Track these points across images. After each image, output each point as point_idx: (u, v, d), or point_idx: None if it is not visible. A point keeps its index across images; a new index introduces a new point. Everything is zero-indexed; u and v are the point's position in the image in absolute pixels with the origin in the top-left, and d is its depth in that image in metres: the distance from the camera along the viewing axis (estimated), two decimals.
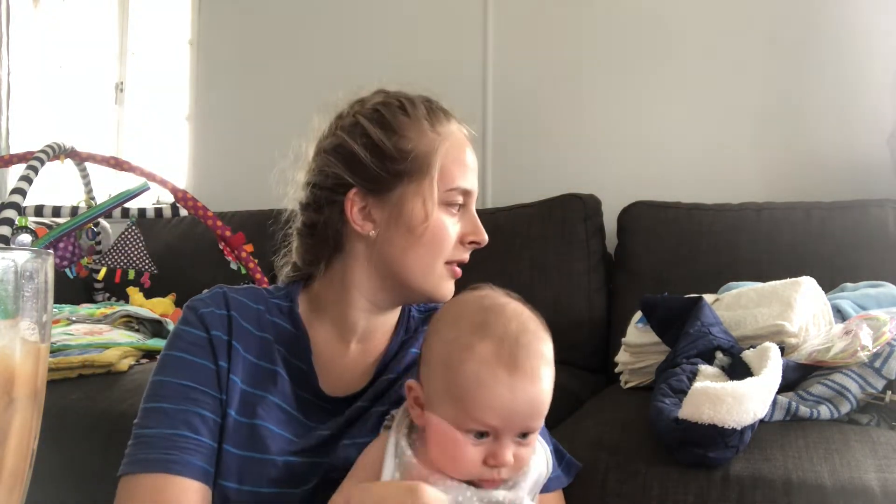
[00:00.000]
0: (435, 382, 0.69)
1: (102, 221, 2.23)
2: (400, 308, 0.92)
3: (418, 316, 0.94)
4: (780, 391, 0.99)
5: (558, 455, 0.91)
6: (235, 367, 0.82)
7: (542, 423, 0.69)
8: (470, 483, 0.68)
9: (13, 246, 1.80)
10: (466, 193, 0.87)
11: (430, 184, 0.83)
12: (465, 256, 0.88)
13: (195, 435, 0.77)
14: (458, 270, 0.88)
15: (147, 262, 1.99)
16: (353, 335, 0.88)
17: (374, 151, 0.83)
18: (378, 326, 0.89)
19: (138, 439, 0.77)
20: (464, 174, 0.86)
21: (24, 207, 1.79)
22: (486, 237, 0.88)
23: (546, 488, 0.85)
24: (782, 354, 1.05)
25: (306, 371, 0.85)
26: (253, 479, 0.78)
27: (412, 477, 0.67)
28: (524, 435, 0.68)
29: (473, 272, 0.84)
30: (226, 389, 0.80)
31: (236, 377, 0.81)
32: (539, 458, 0.74)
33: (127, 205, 1.94)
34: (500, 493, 0.68)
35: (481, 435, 0.66)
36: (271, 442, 0.80)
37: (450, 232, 0.85)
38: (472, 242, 0.88)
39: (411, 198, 0.83)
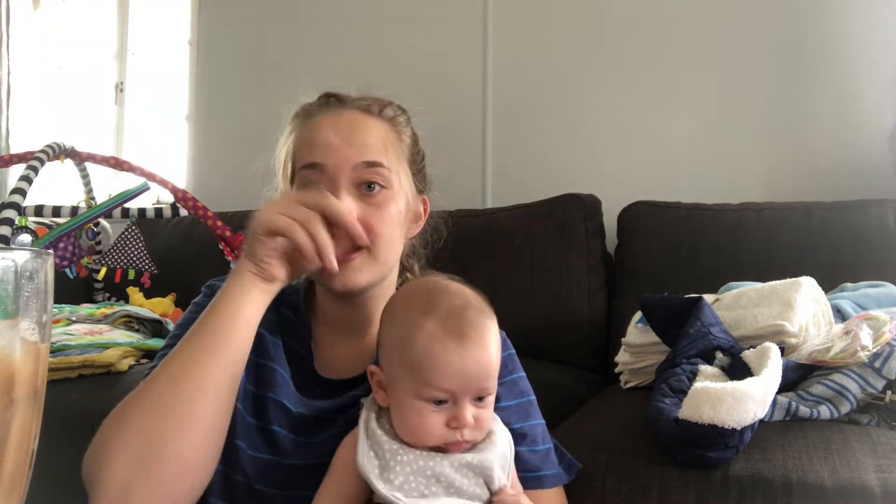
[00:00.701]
0: (393, 362, 0.74)
1: (102, 221, 2.23)
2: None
3: None
4: (780, 391, 0.99)
5: (559, 455, 0.92)
6: None
7: (494, 385, 0.74)
8: (438, 451, 0.72)
9: (13, 246, 1.80)
10: (316, 167, 0.83)
11: (284, 176, 0.90)
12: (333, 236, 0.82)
13: None
14: (348, 256, 0.82)
15: (147, 262, 1.99)
16: (349, 327, 0.91)
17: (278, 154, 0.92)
18: (370, 318, 0.90)
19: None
20: (310, 151, 0.85)
21: (24, 207, 1.79)
22: (334, 205, 0.78)
23: (546, 484, 0.86)
24: (782, 354, 1.05)
25: (303, 353, 0.89)
26: (256, 444, 0.82)
27: (384, 452, 0.71)
28: (480, 399, 0.73)
29: (473, 272, 0.84)
30: None
31: None
32: (501, 435, 0.77)
33: (127, 205, 1.94)
34: (468, 456, 0.72)
35: (440, 402, 0.71)
36: (273, 410, 0.84)
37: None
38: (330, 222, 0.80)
39: (280, 190, 0.91)
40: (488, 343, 0.73)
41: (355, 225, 0.80)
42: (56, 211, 1.90)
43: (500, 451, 0.75)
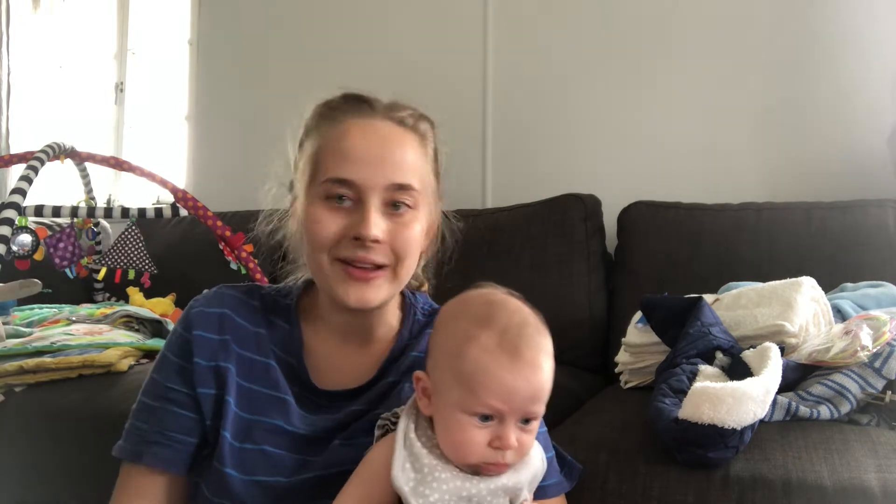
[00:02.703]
0: (442, 371, 0.72)
1: (102, 221, 2.23)
2: (400, 309, 0.93)
3: (422, 319, 0.93)
4: (780, 391, 0.99)
5: (560, 460, 0.91)
6: (228, 361, 0.84)
7: (542, 409, 0.72)
8: (476, 473, 0.71)
9: (13, 245, 1.80)
10: (345, 183, 0.80)
11: (302, 178, 0.85)
12: (357, 254, 0.80)
13: (166, 430, 0.83)
14: (357, 272, 0.80)
15: (147, 262, 1.99)
16: (349, 335, 0.89)
17: (297, 154, 0.88)
18: (373, 327, 0.89)
19: (130, 427, 0.86)
20: (339, 164, 0.80)
21: (24, 207, 1.78)
22: (369, 232, 0.78)
23: (548, 494, 0.86)
24: (782, 354, 1.05)
25: (296, 366, 0.87)
26: (249, 469, 0.81)
27: (422, 465, 0.70)
28: (526, 421, 0.71)
29: (473, 272, 0.84)
30: (217, 384, 0.84)
31: (232, 368, 0.84)
32: (536, 454, 0.77)
33: (127, 205, 1.94)
34: (504, 478, 0.71)
35: (486, 418, 0.70)
36: (266, 433, 0.83)
37: (325, 226, 0.80)
38: (356, 238, 0.79)
39: (300, 197, 0.85)
40: (542, 364, 0.71)
41: None
42: (56, 211, 1.90)
43: (532, 470, 0.75)
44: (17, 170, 1.86)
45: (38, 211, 1.89)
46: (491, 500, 0.70)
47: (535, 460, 0.76)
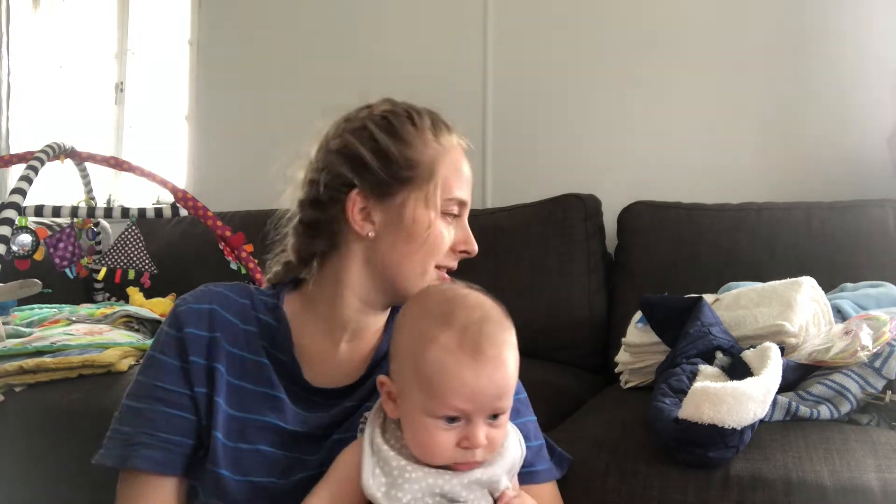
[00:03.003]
0: (405, 375, 0.71)
1: (102, 221, 2.24)
2: (389, 308, 0.94)
3: None
4: (780, 391, 0.99)
5: (549, 449, 0.93)
6: (218, 360, 0.84)
7: (510, 402, 0.72)
8: (447, 469, 0.70)
9: (13, 245, 1.80)
10: (462, 204, 0.89)
11: (433, 192, 0.86)
12: (454, 264, 0.91)
13: (157, 432, 0.82)
14: (447, 277, 0.90)
15: (147, 262, 1.99)
16: (344, 333, 0.90)
17: (380, 156, 0.86)
18: (369, 325, 0.91)
19: (112, 432, 0.84)
20: (461, 185, 0.89)
21: (24, 207, 1.78)
22: (476, 248, 0.91)
23: (538, 479, 0.87)
24: (782, 354, 1.05)
25: (288, 363, 0.87)
26: (243, 469, 0.81)
27: (391, 468, 0.69)
28: (495, 416, 0.70)
29: (473, 272, 0.84)
30: (208, 383, 0.83)
31: (221, 367, 0.84)
32: (512, 441, 0.76)
33: (127, 205, 1.94)
34: (477, 472, 0.71)
35: (452, 420, 0.69)
36: (260, 432, 0.83)
37: (446, 239, 0.88)
38: (462, 251, 0.90)
39: (413, 204, 0.86)
40: (506, 360, 0.70)
41: None
42: (56, 211, 1.90)
43: (509, 460, 0.74)
44: (17, 170, 1.86)
45: (38, 211, 1.89)
46: (466, 495, 0.70)
47: (511, 449, 0.75)
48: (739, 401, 0.88)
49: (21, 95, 3.01)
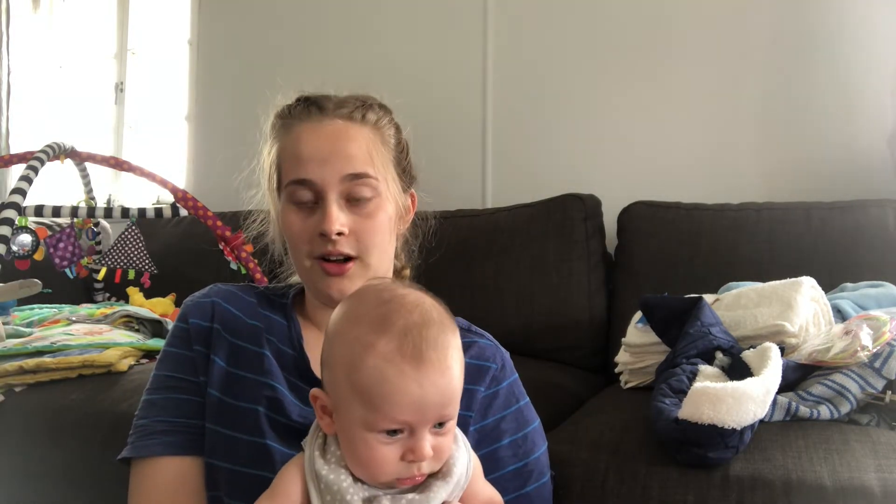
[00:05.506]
0: (340, 386, 0.65)
1: (102, 221, 2.23)
2: None
3: None
4: (780, 391, 0.99)
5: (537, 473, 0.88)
6: (216, 349, 0.86)
7: (456, 409, 0.66)
8: (391, 485, 0.65)
9: (13, 245, 1.80)
10: (304, 183, 0.84)
11: (273, 186, 0.90)
12: (328, 249, 0.83)
13: (173, 418, 0.84)
14: (331, 266, 0.84)
15: (147, 262, 1.99)
16: None
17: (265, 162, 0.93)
18: None
19: (132, 428, 0.85)
20: (296, 167, 0.85)
21: (24, 207, 1.78)
22: (330, 226, 0.82)
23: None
24: (782, 354, 1.05)
25: (296, 356, 0.87)
26: (238, 459, 0.81)
27: (332, 493, 0.64)
28: (440, 424, 0.65)
29: (474, 272, 0.84)
30: (206, 372, 0.85)
31: (219, 358, 0.85)
32: (461, 460, 0.68)
33: (127, 205, 1.94)
34: (408, 496, 0.64)
35: (394, 433, 0.63)
36: (255, 421, 0.82)
37: (296, 228, 0.85)
38: (321, 234, 0.83)
39: (273, 203, 0.91)
40: (451, 365, 0.64)
41: None
42: (56, 211, 1.90)
43: (452, 484, 0.67)
44: (17, 170, 1.86)
45: (38, 211, 1.89)
46: None
47: (456, 474, 0.67)
48: (739, 401, 0.88)
49: (21, 95, 3.01)
